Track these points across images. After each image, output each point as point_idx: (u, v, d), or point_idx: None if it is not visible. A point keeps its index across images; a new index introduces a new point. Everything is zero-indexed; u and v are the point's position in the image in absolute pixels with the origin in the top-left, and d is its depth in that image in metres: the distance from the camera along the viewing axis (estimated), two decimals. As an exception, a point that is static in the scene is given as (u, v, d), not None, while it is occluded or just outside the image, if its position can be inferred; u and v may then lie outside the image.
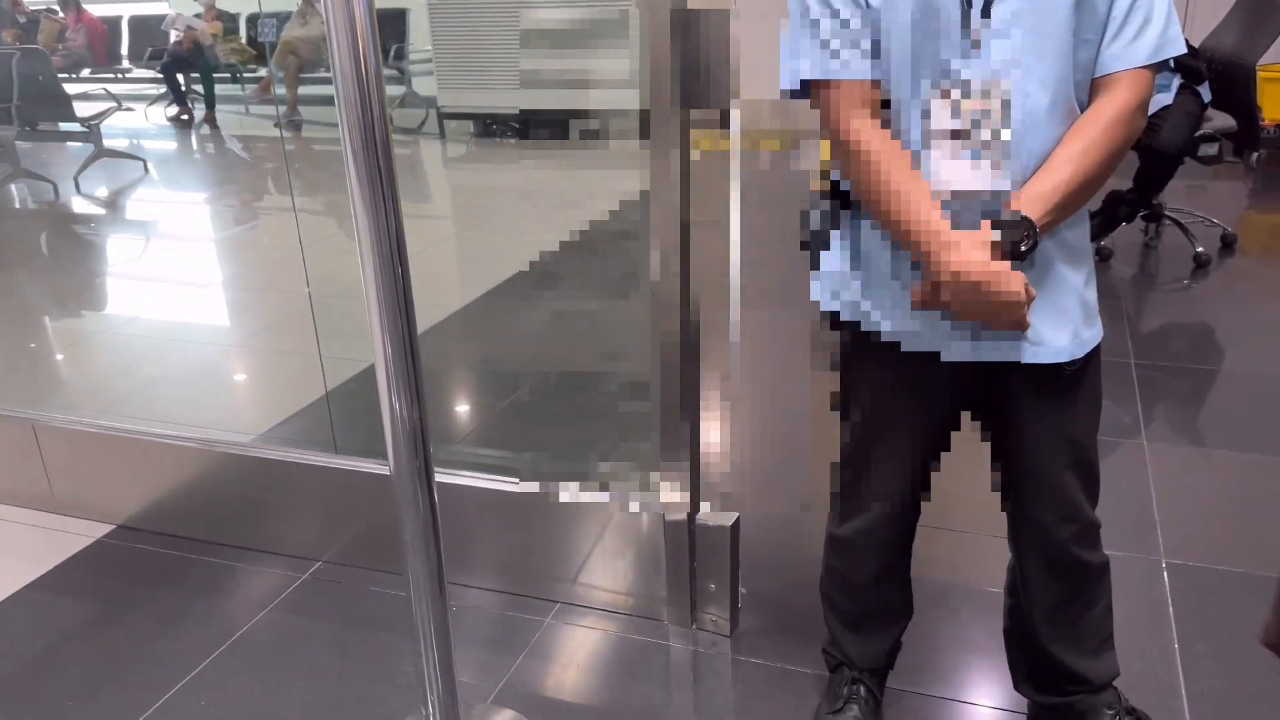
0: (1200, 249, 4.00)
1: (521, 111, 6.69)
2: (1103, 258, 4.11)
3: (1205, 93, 3.79)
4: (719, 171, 1.85)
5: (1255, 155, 5.21)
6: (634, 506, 2.08)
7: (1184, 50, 1.29)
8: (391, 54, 7.35)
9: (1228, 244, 4.14)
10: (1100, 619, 1.61)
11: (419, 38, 7.43)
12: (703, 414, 1.98)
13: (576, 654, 2.04)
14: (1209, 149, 3.94)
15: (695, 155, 1.84)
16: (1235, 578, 2.15)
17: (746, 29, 1.77)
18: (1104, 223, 4.03)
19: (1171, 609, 2.06)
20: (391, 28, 7.38)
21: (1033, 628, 1.61)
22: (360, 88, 1.29)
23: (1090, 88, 1.32)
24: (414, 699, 1.91)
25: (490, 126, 6.97)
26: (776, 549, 2.33)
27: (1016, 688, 1.73)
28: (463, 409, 3.25)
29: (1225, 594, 2.10)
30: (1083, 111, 1.32)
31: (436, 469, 1.53)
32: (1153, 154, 3.77)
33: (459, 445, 2.93)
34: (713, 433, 2.00)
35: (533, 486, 2.17)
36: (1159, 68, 1.30)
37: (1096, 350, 1.45)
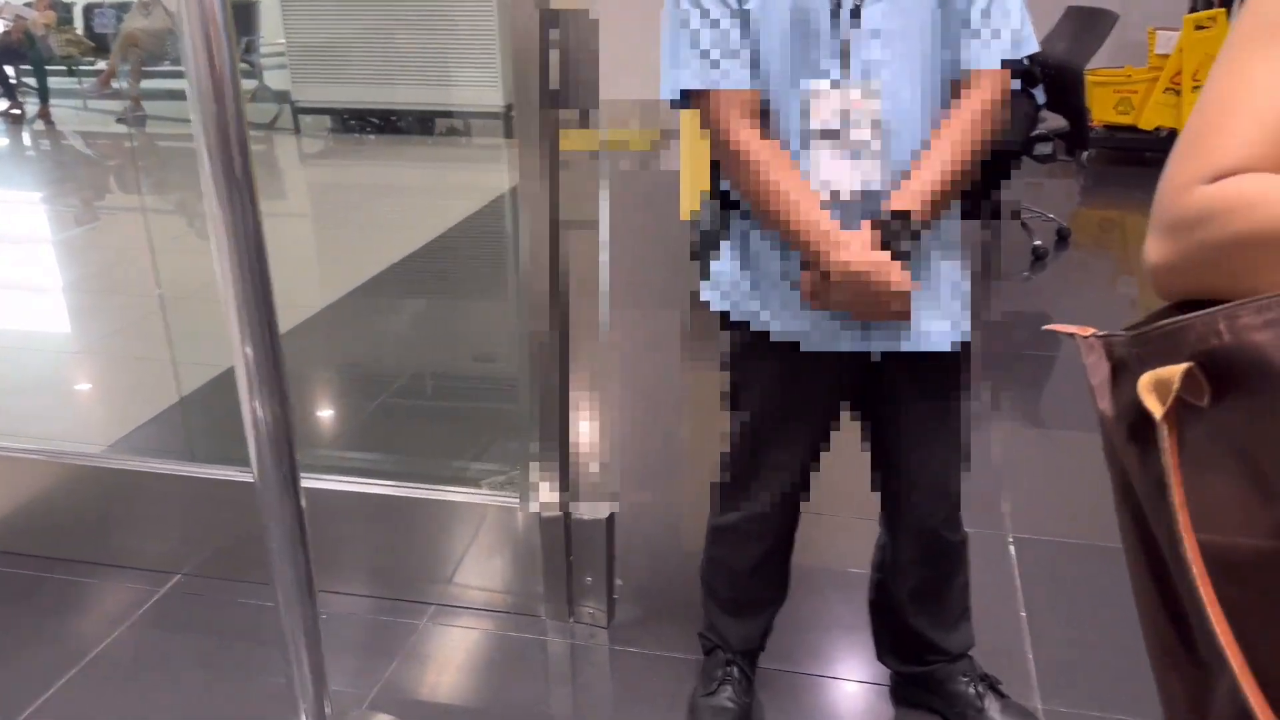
0: (1038, 242, 4.25)
1: (383, 107, 6.55)
2: (951, 251, 4.33)
3: (1040, 95, 4.04)
4: (587, 171, 1.87)
5: (1086, 154, 5.59)
6: (508, 504, 2.08)
7: (1037, 49, 1.38)
8: (242, 47, 7.07)
9: (1063, 237, 4.42)
10: (959, 593, 1.71)
11: (270, 30, 7.18)
12: (574, 410, 1.99)
13: (453, 655, 2.02)
14: (1044, 148, 4.20)
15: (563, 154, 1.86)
16: (1077, 549, 2.31)
17: (614, 30, 1.80)
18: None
19: (1019, 581, 2.20)
20: (241, 20, 7.10)
21: (899, 603, 1.70)
22: (215, 81, 1.25)
23: (954, 86, 1.40)
24: (286, 708, 1.86)
25: (349, 122, 6.80)
26: (651, 540, 2.37)
27: (880, 658, 1.82)
28: (330, 412, 3.17)
29: (1068, 565, 2.26)
30: (947, 109, 1.39)
31: (304, 474, 1.50)
32: (993, 153, 3.99)
33: (327, 449, 2.86)
34: (585, 428, 2.02)
35: (404, 489, 2.15)
36: (1017, 66, 1.39)
37: (969, 340, 1.53)
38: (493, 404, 2.85)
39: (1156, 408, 0.62)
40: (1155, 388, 0.62)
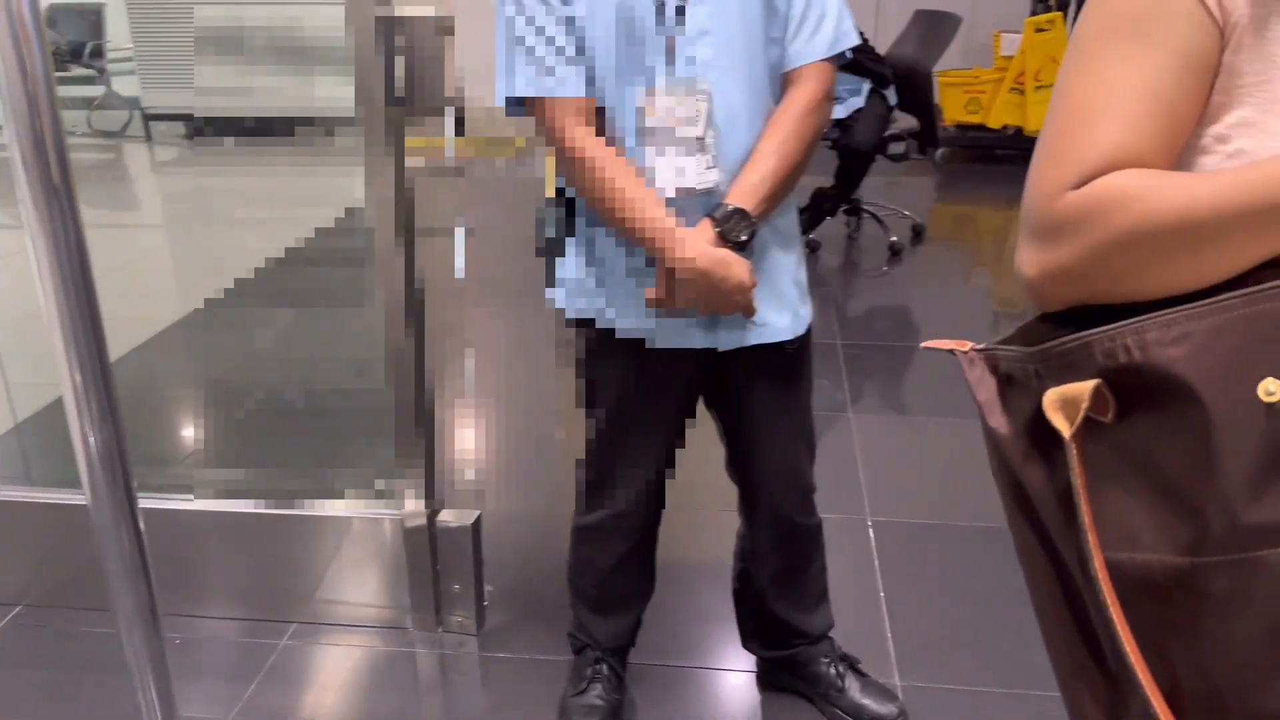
0: (894, 238, 4.42)
1: (238, 112, 6.32)
2: (811, 250, 4.44)
3: (892, 96, 4.20)
4: (442, 176, 1.86)
5: (939, 152, 5.83)
6: (373, 516, 2.04)
7: (857, 42, 1.43)
8: (87, 52, 6.73)
9: (918, 233, 4.60)
10: (817, 577, 1.76)
11: (118, 35, 6.86)
12: (437, 417, 1.97)
13: (315, 673, 1.97)
14: (897, 147, 4.36)
15: (420, 161, 1.84)
16: (932, 529, 2.41)
17: (472, 36, 1.78)
18: (811, 217, 4.37)
19: (877, 562, 2.28)
20: (86, 24, 6.76)
21: (760, 589, 1.74)
22: (26, 85, 1.19)
23: (781, 83, 1.44)
24: (137, 742, 1.78)
25: (203, 128, 6.55)
26: (521, 544, 2.36)
27: (745, 645, 1.86)
28: (185, 428, 3.05)
29: (924, 544, 2.35)
30: (777, 105, 1.43)
31: (156, 495, 1.44)
32: (849, 153, 4.13)
33: (182, 467, 2.75)
34: (449, 435, 2.00)
35: (263, 506, 2.08)
36: (839, 59, 1.44)
37: (810, 328, 1.58)
38: (357, 414, 2.79)
39: (1064, 426, 0.61)
40: (1062, 406, 0.61)
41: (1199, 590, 0.57)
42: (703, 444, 1.68)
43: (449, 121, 1.81)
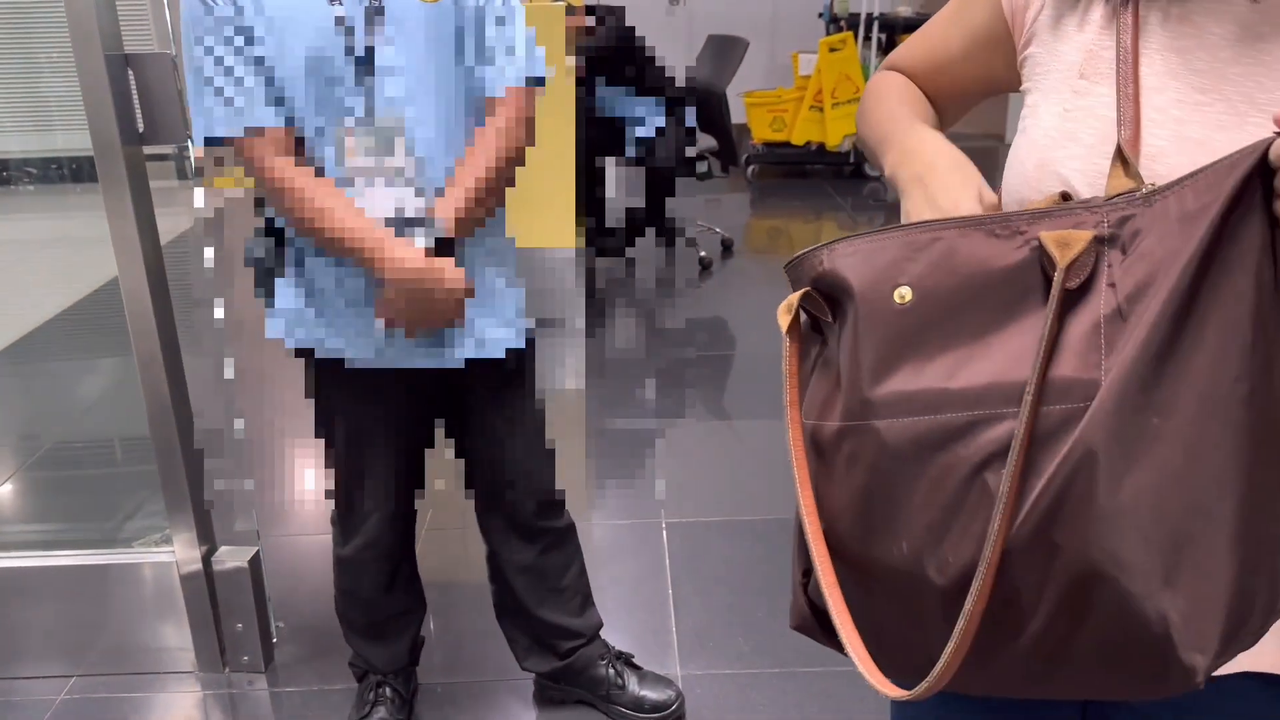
0: (703, 253, 4.59)
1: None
2: (628, 268, 4.57)
3: (690, 118, 4.38)
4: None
5: (750, 169, 6.08)
6: (147, 560, 2.01)
7: (544, 72, 1.52)
8: None
9: (727, 247, 4.79)
10: (577, 578, 1.82)
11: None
12: (206, 458, 1.96)
13: (95, 726, 1.92)
14: (702, 166, 4.54)
15: (240, 192, 1.84)
16: (719, 525, 2.53)
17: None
18: (624, 236, 4.49)
19: (668, 560, 2.38)
20: None
21: (519, 601, 1.79)
22: None
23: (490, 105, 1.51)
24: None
25: (0, 173, 6.21)
26: (310, 575, 2.35)
27: (522, 665, 1.89)
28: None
29: (711, 540, 2.47)
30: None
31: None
32: (652, 174, 4.28)
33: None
34: (220, 474, 1.99)
35: (32, 558, 2.02)
36: (538, 83, 1.52)
37: (531, 341, 1.65)
38: (146, 462, 2.73)
39: (783, 324, 0.77)
40: (786, 309, 0.76)
41: (840, 448, 0.72)
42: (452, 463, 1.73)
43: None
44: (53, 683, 2.03)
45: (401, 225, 1.45)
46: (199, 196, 1.87)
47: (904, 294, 0.70)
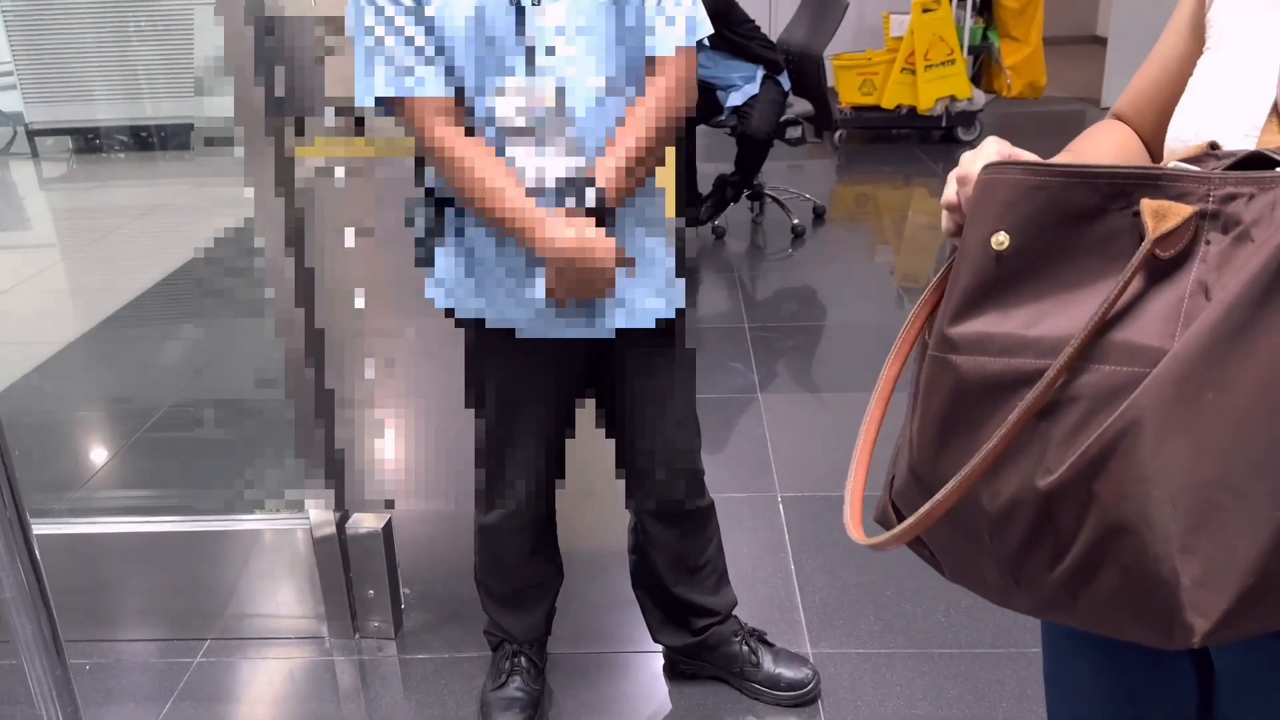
0: (796, 220, 4.50)
1: (129, 123, 6.14)
2: (717, 236, 4.51)
3: (785, 82, 4.28)
4: (332, 180, 1.85)
5: (838, 134, 5.95)
6: (283, 527, 2.03)
7: (710, 31, 1.47)
8: (-37, 67, 6.45)
9: (819, 214, 4.70)
10: (715, 557, 1.80)
11: (-6, 48, 6.58)
12: (339, 420, 1.96)
13: (233, 688, 1.96)
14: (794, 132, 4.45)
15: (321, 162, 1.83)
16: (838, 500, 2.46)
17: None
18: (715, 204, 4.43)
19: (787, 536, 2.34)
20: (-41, 38, 6.48)
21: (659, 577, 1.77)
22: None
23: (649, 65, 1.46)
24: (48, 772, 1.75)
25: (93, 141, 6.34)
26: (437, 543, 2.35)
27: (654, 638, 1.88)
28: (87, 449, 2.97)
29: (831, 515, 2.42)
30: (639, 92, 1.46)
31: (58, 520, 1.41)
32: (746, 140, 4.20)
33: (84, 490, 2.68)
34: (355, 440, 2.00)
35: (170, 523, 2.05)
36: (699, 46, 1.47)
37: (683, 311, 1.62)
38: (263, 425, 2.76)
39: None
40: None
41: (926, 372, 0.78)
42: (596, 433, 1.71)
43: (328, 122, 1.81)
44: (188, 645, 2.07)
45: (560, 187, 1.42)
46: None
47: (1001, 240, 0.72)
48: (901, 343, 0.83)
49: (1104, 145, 0.94)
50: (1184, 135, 0.81)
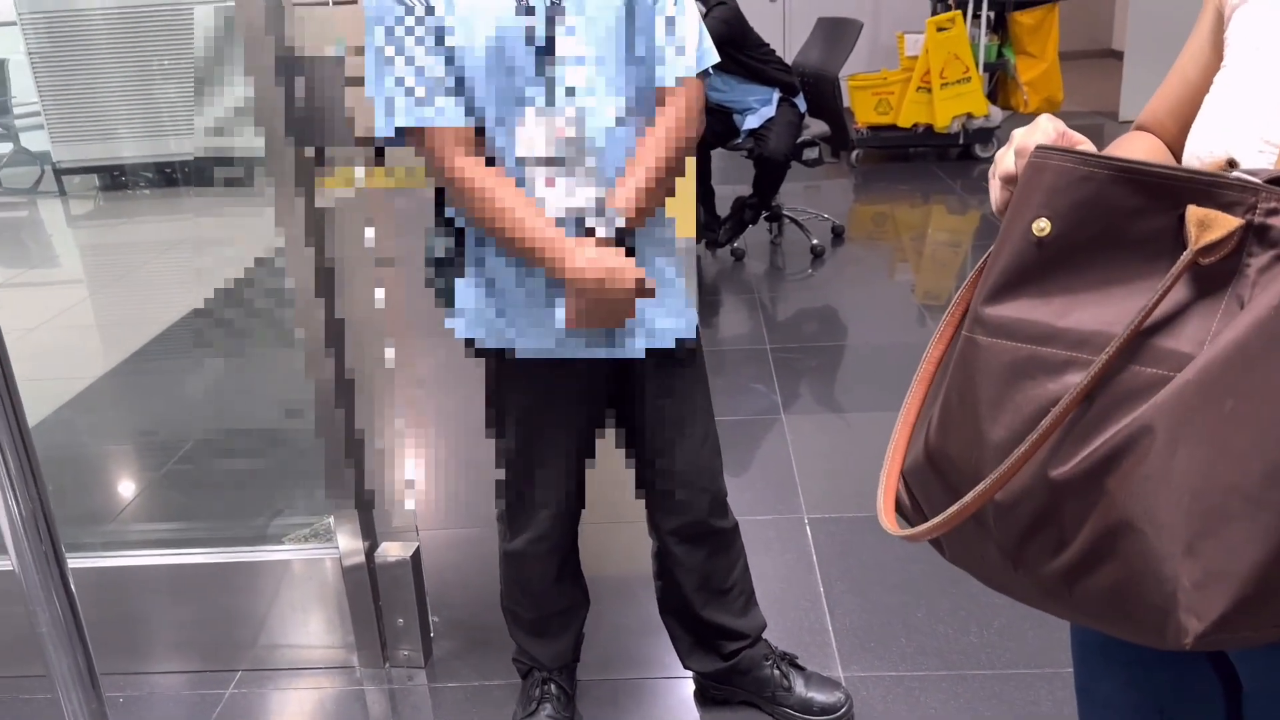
0: (815, 241, 4.51)
1: (153, 160, 6.23)
2: (737, 258, 4.52)
3: (801, 103, 4.30)
4: (358, 209, 1.88)
5: (854, 154, 5.96)
6: (312, 557, 2.04)
7: (718, 60, 1.49)
8: (-6, 108, 6.59)
9: (838, 234, 4.70)
10: (741, 578, 1.79)
11: (23, 89, 6.72)
12: (368, 452, 1.98)
13: (265, 719, 1.96)
14: (811, 153, 4.46)
15: (350, 192, 1.86)
16: (865, 521, 2.47)
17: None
18: (734, 226, 4.44)
19: (815, 558, 2.33)
20: (-8, 79, 6.62)
21: (686, 601, 1.77)
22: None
23: (659, 95, 1.48)
24: (84, 807, 1.75)
25: (118, 179, 6.44)
26: (465, 571, 2.37)
27: (684, 664, 1.87)
28: (117, 483, 3.00)
29: (858, 537, 2.41)
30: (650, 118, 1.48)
31: (89, 554, 1.42)
32: (764, 162, 4.21)
33: (115, 524, 2.70)
34: (381, 468, 2.01)
35: (198, 555, 2.07)
36: (705, 75, 1.49)
37: (698, 331, 1.62)
38: (291, 456, 2.78)
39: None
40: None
41: (959, 351, 0.77)
42: (613, 457, 1.71)
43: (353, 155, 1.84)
44: (220, 676, 2.07)
45: (578, 216, 1.44)
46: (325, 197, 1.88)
47: (1042, 226, 0.72)
48: (945, 325, 0.83)
49: (1138, 150, 0.94)
50: (1199, 151, 0.82)
